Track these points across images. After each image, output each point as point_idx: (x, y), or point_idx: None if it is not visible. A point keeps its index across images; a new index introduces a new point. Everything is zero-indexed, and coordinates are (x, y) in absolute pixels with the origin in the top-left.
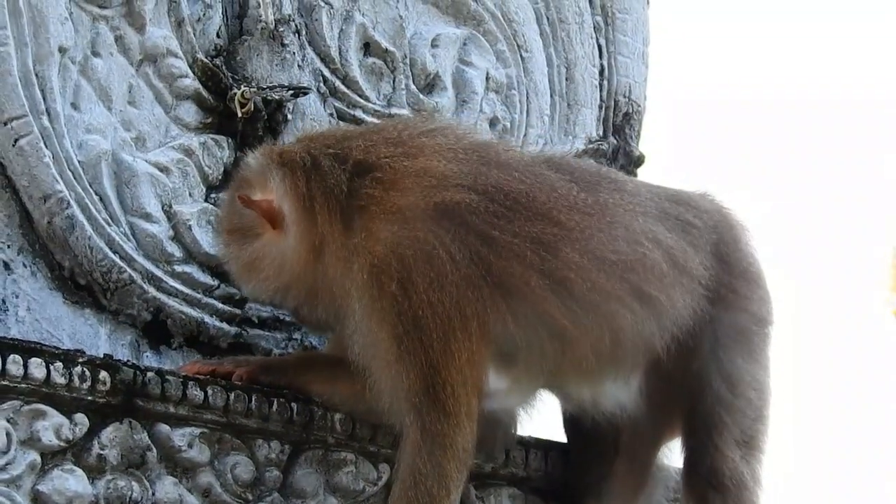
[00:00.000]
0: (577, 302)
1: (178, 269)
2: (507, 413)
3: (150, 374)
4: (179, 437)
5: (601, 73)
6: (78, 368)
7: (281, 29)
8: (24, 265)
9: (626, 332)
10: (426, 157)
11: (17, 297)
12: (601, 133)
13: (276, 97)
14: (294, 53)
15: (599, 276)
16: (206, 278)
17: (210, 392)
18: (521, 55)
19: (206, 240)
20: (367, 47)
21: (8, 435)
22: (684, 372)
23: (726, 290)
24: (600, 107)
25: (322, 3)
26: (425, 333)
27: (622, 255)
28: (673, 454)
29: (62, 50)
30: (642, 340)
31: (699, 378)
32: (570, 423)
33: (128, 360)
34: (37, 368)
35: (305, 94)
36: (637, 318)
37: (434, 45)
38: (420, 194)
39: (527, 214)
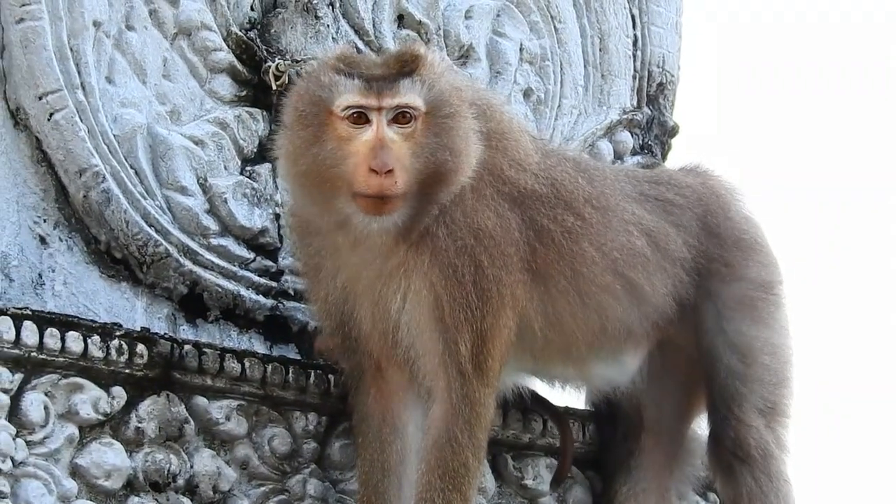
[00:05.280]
0: (581, 296)
1: (214, 242)
2: None
3: (187, 347)
4: (217, 409)
5: (635, 43)
6: (115, 342)
7: (315, 1)
8: (61, 239)
9: (611, 321)
10: (518, 136)
11: (53, 271)
12: (635, 103)
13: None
14: (328, 26)
15: (604, 271)
16: (241, 251)
17: (247, 364)
18: (554, 26)
19: (241, 213)
20: (401, 19)
21: (46, 409)
22: (697, 350)
23: (719, 264)
24: (634, 77)
25: None
26: (486, 305)
27: (618, 248)
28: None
29: (96, 24)
30: (624, 328)
31: (710, 354)
32: (595, 404)
33: (165, 333)
34: (74, 342)
35: None
36: (623, 307)
37: (468, 16)
38: (521, 175)
39: (562, 204)
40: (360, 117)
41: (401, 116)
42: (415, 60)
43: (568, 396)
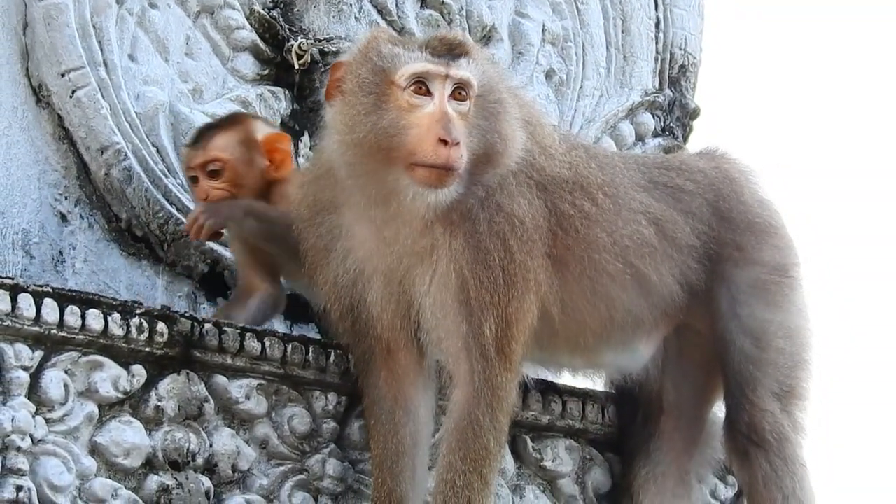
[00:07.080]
0: (592, 283)
1: None
2: None
3: (207, 326)
4: (237, 388)
5: (657, 25)
6: (136, 320)
7: None
8: (82, 217)
9: (618, 311)
10: (544, 123)
11: (74, 248)
12: (657, 85)
13: (334, 49)
14: (351, 5)
15: (615, 259)
16: None
17: (268, 343)
18: (577, 7)
19: None
20: None
21: (66, 386)
22: (712, 334)
23: (732, 248)
24: (656, 59)
25: None
26: (512, 289)
27: (628, 237)
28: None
29: (119, 1)
30: (631, 317)
31: (724, 339)
32: (614, 387)
33: (185, 312)
34: (94, 320)
35: None
36: (629, 297)
37: None
38: (549, 162)
39: (579, 189)
40: (422, 88)
41: (458, 93)
42: (464, 45)
43: (586, 380)
